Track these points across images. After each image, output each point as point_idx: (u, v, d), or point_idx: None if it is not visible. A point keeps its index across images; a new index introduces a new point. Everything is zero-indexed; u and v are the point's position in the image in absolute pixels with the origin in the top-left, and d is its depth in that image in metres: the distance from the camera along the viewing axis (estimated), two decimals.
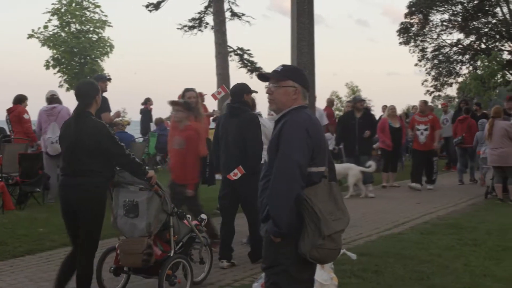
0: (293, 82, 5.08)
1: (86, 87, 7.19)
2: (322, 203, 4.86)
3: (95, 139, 6.76)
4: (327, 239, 4.79)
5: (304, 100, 5.16)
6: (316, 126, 5.05)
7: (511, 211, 14.08)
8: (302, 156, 4.85)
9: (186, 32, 36.48)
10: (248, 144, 9.04)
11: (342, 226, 4.95)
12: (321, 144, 5.03)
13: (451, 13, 54.01)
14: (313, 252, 4.80)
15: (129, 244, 7.31)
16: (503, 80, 46.47)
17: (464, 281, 8.25)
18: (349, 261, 8.06)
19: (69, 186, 6.86)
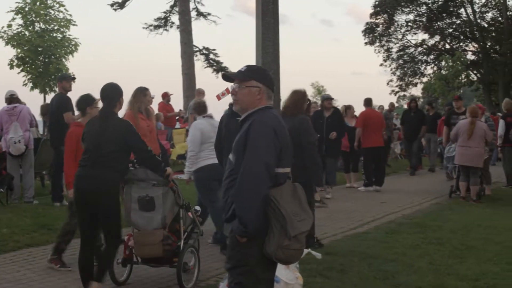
0: (257, 82, 5.06)
1: (111, 90, 7.60)
2: (288, 204, 4.83)
3: (122, 136, 7.26)
4: (292, 239, 4.76)
5: (269, 100, 5.14)
6: (282, 127, 5.05)
7: (474, 210, 14.21)
8: (270, 157, 4.85)
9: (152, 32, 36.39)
10: None
11: (307, 227, 4.93)
12: (287, 145, 5.04)
13: (416, 14, 54.56)
14: (278, 252, 4.78)
15: (145, 236, 7.82)
16: (467, 80, 46.99)
17: (428, 280, 8.29)
18: (314, 260, 8.06)
19: (85, 177, 7.24)
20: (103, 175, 7.16)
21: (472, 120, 15.52)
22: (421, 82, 55.53)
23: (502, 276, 8.62)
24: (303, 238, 4.92)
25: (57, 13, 38.15)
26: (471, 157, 15.33)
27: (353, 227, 12.09)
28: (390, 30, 55.34)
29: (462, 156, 15.50)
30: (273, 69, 8.35)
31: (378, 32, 55.42)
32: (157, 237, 7.75)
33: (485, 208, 14.61)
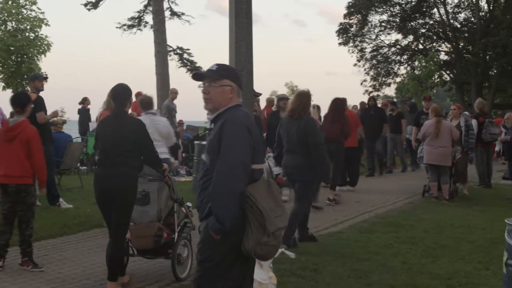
0: (230, 81, 5.10)
1: (121, 91, 7.95)
2: (264, 200, 4.89)
3: (135, 134, 7.63)
4: (271, 236, 4.82)
5: (239, 99, 5.19)
6: (254, 124, 5.10)
7: (447, 210, 14.29)
8: (246, 155, 4.89)
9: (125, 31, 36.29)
10: None
11: (284, 223, 5.03)
12: (259, 141, 5.10)
13: (390, 14, 54.73)
14: (257, 249, 4.82)
15: (140, 229, 8.18)
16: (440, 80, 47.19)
17: (401, 279, 8.35)
18: (288, 260, 8.08)
19: (107, 176, 7.59)
20: (123, 173, 7.53)
21: (437, 119, 15.66)
22: (395, 82, 55.67)
23: (474, 275, 8.70)
24: (280, 234, 5.02)
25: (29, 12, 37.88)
26: (439, 156, 15.46)
27: (327, 226, 12.12)
28: (363, 31, 55.47)
29: (430, 155, 15.63)
30: (247, 69, 8.34)
31: (352, 32, 55.52)
32: (152, 230, 8.11)
33: (458, 207, 14.71)
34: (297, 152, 10.41)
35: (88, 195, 14.81)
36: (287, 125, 10.64)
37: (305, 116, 10.52)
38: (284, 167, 10.82)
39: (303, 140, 10.31)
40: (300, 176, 10.44)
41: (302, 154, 10.32)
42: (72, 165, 17.13)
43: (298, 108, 10.54)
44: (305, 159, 10.31)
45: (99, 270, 8.72)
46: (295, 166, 10.48)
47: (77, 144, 17.78)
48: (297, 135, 10.38)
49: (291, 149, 10.53)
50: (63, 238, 10.78)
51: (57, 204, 13.18)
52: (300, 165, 10.36)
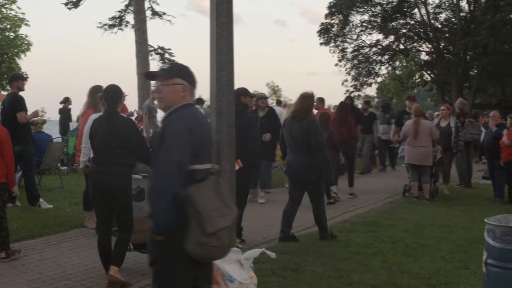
0: (181, 80, 5.11)
1: (113, 91, 8.31)
2: (207, 200, 4.82)
3: (127, 133, 7.92)
4: (211, 236, 4.77)
5: (192, 97, 5.23)
6: (200, 123, 5.08)
7: (427, 209, 14.35)
8: (181, 153, 4.86)
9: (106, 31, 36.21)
10: (248, 142, 10.22)
11: (227, 223, 4.92)
12: (205, 141, 5.06)
13: (371, 14, 54.82)
14: (197, 249, 4.81)
15: (137, 224, 8.30)
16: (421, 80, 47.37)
17: (381, 278, 8.36)
18: (268, 259, 8.07)
19: (102, 173, 7.93)
20: (116, 170, 7.83)
21: (416, 119, 15.74)
22: (376, 82, 55.84)
23: (454, 274, 8.73)
24: (224, 234, 4.90)
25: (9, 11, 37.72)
26: (419, 156, 15.55)
27: (308, 226, 12.11)
28: (345, 31, 55.56)
29: (410, 155, 15.72)
30: (228, 69, 8.32)
31: (333, 32, 55.60)
32: (147, 224, 7.97)
33: (438, 207, 14.78)
34: (300, 152, 10.71)
35: (68, 195, 14.77)
36: (290, 126, 10.90)
37: (308, 117, 10.78)
38: (287, 166, 11.11)
39: (306, 141, 10.58)
40: (304, 176, 10.73)
41: (306, 155, 10.60)
42: (53, 165, 17.06)
43: (302, 109, 10.78)
44: (309, 160, 10.60)
45: (80, 271, 8.70)
46: (299, 167, 10.74)
47: (58, 144, 17.70)
48: (300, 136, 10.64)
49: (294, 149, 10.83)
50: (43, 238, 10.74)
51: (37, 204, 13.11)
52: (305, 165, 10.64)
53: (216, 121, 8.31)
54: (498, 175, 16.23)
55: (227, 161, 8.35)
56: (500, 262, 6.07)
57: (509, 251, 5.96)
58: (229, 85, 8.36)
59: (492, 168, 16.62)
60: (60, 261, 9.23)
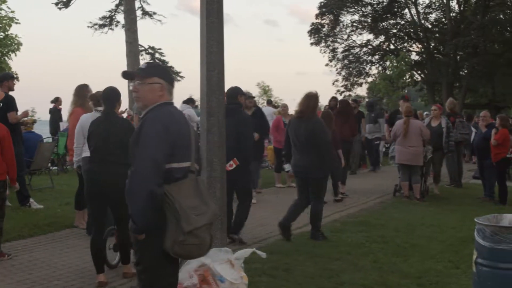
0: (159, 79, 5.15)
1: (111, 93, 8.52)
2: (185, 199, 4.90)
3: (124, 133, 7.90)
4: (188, 235, 4.83)
5: (169, 96, 5.26)
6: (177, 121, 5.12)
7: (417, 209, 14.38)
8: (157, 152, 4.90)
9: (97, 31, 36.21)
10: (243, 140, 10.53)
11: (205, 220, 4.97)
12: (183, 139, 5.09)
13: (361, 14, 54.92)
14: (175, 248, 4.86)
15: None
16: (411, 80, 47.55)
17: (372, 278, 8.38)
18: (259, 259, 8.07)
19: (100, 172, 8.07)
20: (112, 170, 7.86)
21: (405, 119, 15.77)
22: (366, 82, 55.99)
23: (444, 273, 8.76)
24: (203, 232, 4.97)
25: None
26: (409, 156, 15.57)
27: (299, 226, 12.10)
28: (335, 31, 55.63)
29: (401, 155, 15.75)
30: (218, 68, 8.32)
31: (323, 32, 55.67)
32: None
33: (429, 207, 14.80)
34: (306, 152, 10.94)
35: (59, 196, 14.73)
36: (295, 126, 11.13)
37: (313, 117, 11.07)
38: (294, 166, 11.27)
39: (311, 140, 10.84)
40: (312, 174, 10.92)
41: (311, 154, 10.88)
42: (43, 165, 17.01)
43: (307, 109, 11.04)
44: (315, 158, 10.84)
45: (70, 271, 8.68)
46: (306, 165, 10.94)
47: (48, 144, 17.66)
48: (306, 135, 10.88)
49: (300, 148, 11.04)
50: (34, 239, 10.70)
51: (28, 204, 13.08)
52: (311, 164, 10.85)
53: (206, 121, 8.30)
54: (488, 175, 16.26)
55: (218, 161, 8.36)
56: (490, 261, 6.08)
57: (499, 250, 5.97)
58: (219, 85, 8.36)
59: (482, 168, 16.65)
60: (50, 262, 9.20)
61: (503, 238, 5.95)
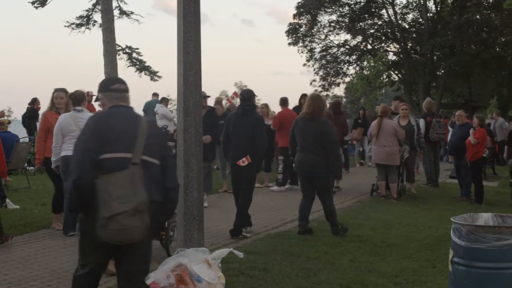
0: (100, 94, 6.13)
1: None
2: (115, 188, 5.34)
3: None
4: (109, 220, 5.25)
5: (111, 101, 5.94)
6: (110, 118, 5.77)
7: (394, 208, 14.43)
8: (85, 146, 5.59)
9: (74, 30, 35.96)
10: (257, 139, 11.24)
11: (127, 207, 5.31)
12: (114, 133, 5.63)
13: (339, 14, 54.98)
14: (100, 231, 5.31)
15: None
16: (388, 80, 47.70)
17: (349, 277, 8.40)
18: (236, 259, 8.07)
19: None
20: None
21: (378, 119, 15.85)
22: (344, 82, 56.10)
23: (421, 272, 8.80)
24: (125, 218, 5.31)
25: None
26: (384, 155, 15.63)
27: (276, 226, 12.15)
28: (313, 31, 55.68)
29: (376, 154, 15.82)
30: (195, 68, 8.29)
31: (301, 32, 55.73)
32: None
33: (406, 206, 14.86)
34: (312, 151, 11.33)
35: (35, 196, 14.66)
36: (303, 126, 11.55)
37: (321, 117, 11.54)
38: (300, 164, 11.64)
39: (319, 140, 11.27)
40: (318, 173, 11.33)
41: (318, 153, 11.26)
42: (19, 165, 16.93)
43: (316, 110, 11.48)
44: (321, 157, 11.24)
45: (47, 272, 8.64)
46: (312, 164, 11.34)
47: (24, 144, 17.58)
48: (314, 135, 11.32)
49: (307, 148, 11.44)
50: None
51: (4, 204, 13.01)
52: (317, 163, 11.26)
53: (183, 121, 8.27)
54: (464, 175, 16.36)
55: (195, 161, 8.34)
56: (466, 260, 6.11)
57: (475, 249, 6.00)
58: (196, 85, 8.34)
59: (458, 167, 16.76)
60: (27, 262, 9.16)
61: (479, 237, 5.98)
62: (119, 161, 5.50)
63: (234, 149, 11.51)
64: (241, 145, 11.31)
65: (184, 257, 6.79)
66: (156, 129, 6.23)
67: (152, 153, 5.69)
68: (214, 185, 16.97)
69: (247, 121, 11.36)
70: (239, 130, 11.42)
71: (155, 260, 8.37)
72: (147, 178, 5.52)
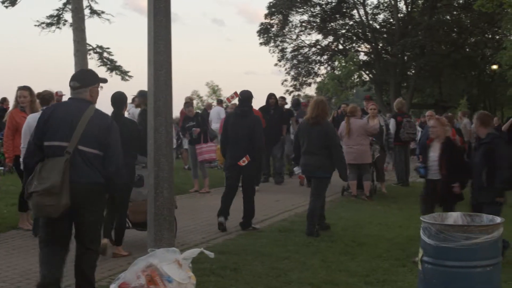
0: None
1: (120, 97, 10.00)
2: (43, 170, 6.36)
3: (131, 131, 9.39)
4: (28, 197, 6.44)
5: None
6: (55, 110, 6.87)
7: (365, 208, 14.48)
8: (34, 132, 6.80)
9: (44, 29, 35.68)
10: (256, 139, 11.74)
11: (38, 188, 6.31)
12: (51, 123, 6.62)
13: (310, 14, 55.14)
14: (30, 205, 6.56)
15: (136, 206, 10.03)
16: (359, 80, 47.89)
17: (320, 276, 8.42)
18: (207, 259, 8.04)
19: None
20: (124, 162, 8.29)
21: (346, 119, 15.91)
22: (315, 82, 56.29)
23: (391, 271, 8.83)
24: (37, 197, 6.34)
25: None
26: (354, 155, 15.68)
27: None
28: (284, 31, 55.84)
29: (347, 155, 15.77)
30: (166, 68, 8.25)
31: (272, 32, 55.85)
32: (145, 206, 8.96)
33: (376, 206, 14.93)
34: (317, 153, 11.53)
35: (5, 196, 14.50)
36: (308, 130, 11.76)
37: (324, 121, 11.78)
38: (304, 166, 11.90)
39: (324, 143, 11.52)
40: (321, 173, 11.62)
41: (322, 155, 11.49)
42: None
43: (321, 114, 11.68)
44: (325, 159, 11.51)
45: (16, 273, 8.55)
46: (317, 165, 11.57)
47: None
48: (318, 138, 11.55)
49: (312, 150, 11.61)
50: None
51: None
52: (318, 163, 11.52)
53: (154, 120, 8.22)
54: None
55: (166, 161, 8.29)
56: (435, 259, 6.15)
57: (444, 248, 6.04)
58: (167, 84, 8.29)
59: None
60: None
61: (448, 236, 6.02)
62: (56, 148, 6.49)
63: (232, 149, 11.89)
64: (240, 145, 11.72)
65: (154, 257, 6.75)
66: (102, 121, 6.81)
67: (90, 144, 6.56)
68: (185, 185, 16.98)
69: (245, 121, 11.80)
70: (238, 131, 11.80)
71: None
72: (82, 165, 6.47)
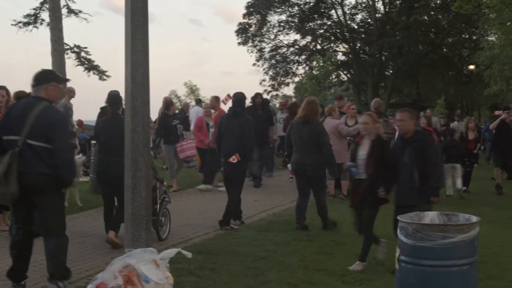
0: None
1: (116, 98, 10.50)
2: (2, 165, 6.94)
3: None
4: None
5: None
6: (14, 107, 7.69)
7: (343, 207, 14.42)
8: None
9: (21, 29, 35.49)
10: (246, 138, 12.16)
11: None
12: (11, 118, 7.28)
13: (288, 14, 55.22)
14: None
15: None
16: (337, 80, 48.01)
17: (298, 276, 8.44)
18: (185, 259, 8.02)
19: (108, 162, 10.16)
20: (118, 160, 8.84)
21: (323, 119, 15.92)
22: (293, 82, 56.40)
23: (369, 270, 8.87)
24: None
25: None
26: None
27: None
28: (262, 30, 55.89)
29: None
30: (143, 68, 8.23)
31: (251, 32, 55.86)
32: None
33: None
34: (308, 152, 11.91)
35: None
36: (299, 129, 12.09)
37: (314, 120, 12.13)
38: (296, 164, 12.23)
39: (315, 141, 11.90)
40: (315, 172, 11.95)
41: (313, 153, 11.87)
42: None
43: (311, 113, 12.05)
44: (316, 157, 11.87)
45: None
46: (307, 164, 11.90)
47: None
48: (309, 137, 11.92)
49: (303, 149, 11.99)
50: None
51: None
52: (312, 163, 11.85)
53: (131, 121, 8.20)
54: None
55: (143, 161, 8.27)
56: (412, 258, 6.17)
57: (421, 247, 6.07)
58: (144, 84, 8.28)
59: None
60: None
61: (424, 235, 6.05)
62: (10, 142, 7.11)
63: (225, 148, 12.30)
64: (231, 144, 12.14)
65: (131, 257, 6.74)
66: (49, 116, 7.19)
67: (37, 138, 7.05)
68: None
69: (236, 122, 12.24)
70: (230, 130, 12.23)
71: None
72: (31, 157, 7.02)
